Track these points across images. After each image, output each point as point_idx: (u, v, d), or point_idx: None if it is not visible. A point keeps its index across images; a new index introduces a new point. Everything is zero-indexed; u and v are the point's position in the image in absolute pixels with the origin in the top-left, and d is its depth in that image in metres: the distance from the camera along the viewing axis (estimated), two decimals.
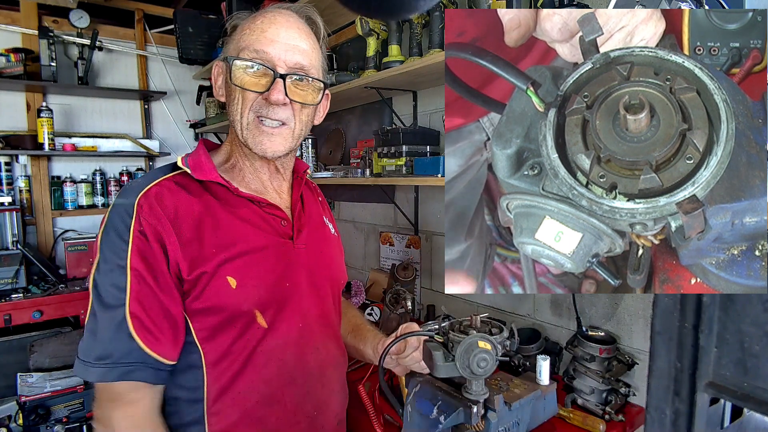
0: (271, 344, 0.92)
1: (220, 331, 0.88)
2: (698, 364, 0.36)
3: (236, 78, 0.89)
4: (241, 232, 0.91)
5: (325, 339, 1.03)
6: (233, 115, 0.92)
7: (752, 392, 0.34)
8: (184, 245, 0.85)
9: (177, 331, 0.86)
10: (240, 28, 0.93)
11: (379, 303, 2.11)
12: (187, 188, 0.90)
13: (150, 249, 0.83)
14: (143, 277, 0.82)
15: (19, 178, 2.84)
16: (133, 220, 0.84)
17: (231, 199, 0.93)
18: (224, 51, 0.96)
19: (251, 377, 0.91)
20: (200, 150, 0.97)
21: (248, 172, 0.98)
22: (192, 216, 0.88)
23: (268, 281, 0.92)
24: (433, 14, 1.72)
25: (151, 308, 0.83)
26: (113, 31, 3.15)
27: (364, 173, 2.16)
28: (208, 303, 0.87)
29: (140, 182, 0.89)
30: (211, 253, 0.87)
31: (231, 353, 0.89)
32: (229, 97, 0.93)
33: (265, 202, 0.96)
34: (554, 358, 1.54)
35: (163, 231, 0.84)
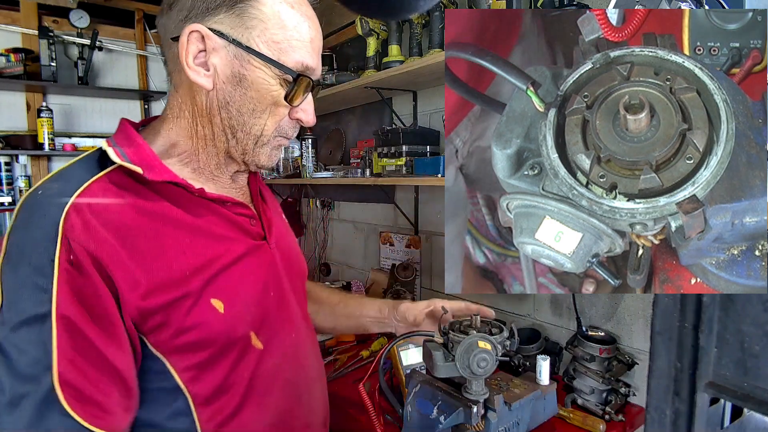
0: (269, 365, 0.78)
1: (210, 367, 0.71)
2: (698, 364, 0.36)
3: (267, 87, 0.71)
4: (213, 244, 0.72)
5: (313, 341, 0.93)
6: (245, 126, 0.73)
7: (752, 392, 0.34)
8: (148, 269, 0.65)
9: (129, 392, 0.65)
10: (265, 5, 0.69)
11: None
12: (133, 191, 0.68)
13: (87, 283, 0.61)
14: (76, 327, 0.60)
15: (19, 178, 2.83)
16: (59, 246, 0.60)
17: (191, 203, 0.72)
18: (227, 22, 0.69)
19: (255, 409, 0.76)
20: (135, 138, 0.74)
21: (206, 171, 0.77)
22: (148, 230, 0.66)
23: (254, 295, 0.76)
24: (433, 14, 1.72)
25: (90, 369, 0.60)
26: (113, 31, 3.15)
27: (364, 173, 2.16)
28: (193, 337, 0.68)
29: (58, 188, 0.65)
30: (184, 275, 0.67)
31: (226, 388, 0.73)
32: (241, 99, 0.72)
33: (230, 201, 0.77)
34: (554, 358, 1.53)
35: (109, 258, 0.62)
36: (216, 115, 0.73)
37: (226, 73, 0.70)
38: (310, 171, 2.46)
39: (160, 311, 0.66)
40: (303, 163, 2.48)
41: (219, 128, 0.73)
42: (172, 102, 0.77)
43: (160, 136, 0.76)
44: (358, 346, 1.80)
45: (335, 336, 1.86)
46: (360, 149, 2.49)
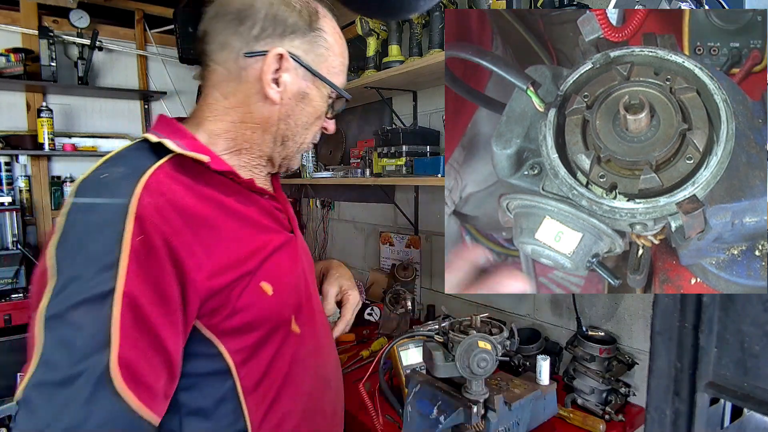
0: (304, 351, 0.82)
1: (259, 349, 0.75)
2: (698, 364, 0.36)
3: (320, 104, 0.82)
4: (259, 231, 0.78)
5: (328, 329, 0.97)
6: (296, 136, 0.81)
7: (752, 392, 0.34)
8: (211, 253, 0.67)
9: (173, 378, 0.66)
10: (328, 34, 0.80)
11: (379, 303, 2.11)
12: (191, 178, 0.71)
13: (156, 264, 0.61)
14: (140, 306, 0.59)
15: (19, 178, 2.83)
16: (130, 225, 0.60)
17: (241, 193, 0.77)
18: (302, 47, 0.77)
19: (294, 393, 0.80)
20: (185, 130, 0.77)
21: (242, 170, 0.82)
22: (206, 215, 0.69)
23: (293, 281, 0.82)
24: (433, 14, 1.72)
25: (148, 352, 0.60)
26: (113, 31, 3.15)
27: (364, 173, 2.16)
28: (245, 318, 0.71)
29: (122, 171, 0.66)
30: (238, 258, 0.71)
31: (270, 372, 0.76)
32: (299, 113, 0.80)
33: (268, 194, 0.82)
34: (554, 358, 1.54)
35: (177, 237, 0.64)
36: (273, 125, 0.79)
37: (293, 90, 0.78)
38: (310, 171, 2.46)
39: (221, 292, 0.68)
40: (303, 163, 2.49)
41: (270, 136, 0.80)
42: (215, 107, 0.80)
43: (202, 132, 0.79)
44: (358, 346, 1.80)
45: None
46: (360, 149, 2.49)
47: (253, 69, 0.76)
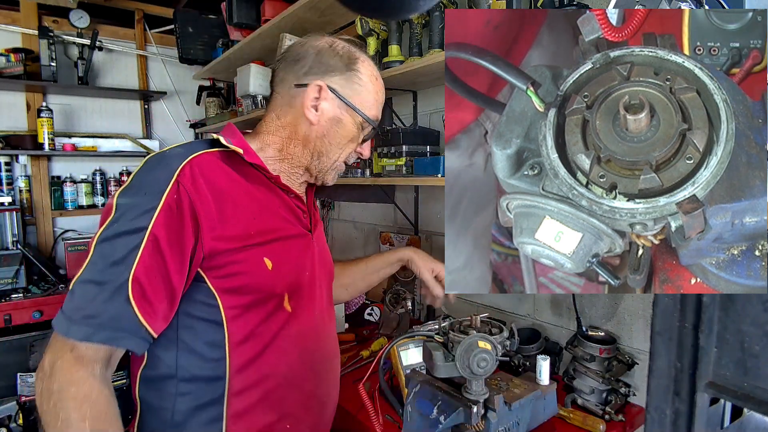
0: (293, 330, 0.96)
1: (249, 311, 0.90)
2: (698, 364, 0.36)
3: (352, 129, 0.99)
4: (276, 218, 0.96)
5: (332, 329, 1.10)
6: (330, 153, 1.00)
7: (752, 392, 0.34)
8: (225, 221, 0.86)
9: (172, 306, 0.85)
10: (364, 75, 0.99)
11: (379, 303, 2.11)
12: (230, 165, 0.92)
13: (178, 221, 0.82)
14: (159, 246, 0.80)
15: (19, 178, 2.83)
16: (170, 186, 0.82)
17: (267, 185, 0.96)
18: (339, 82, 0.98)
19: (275, 359, 0.93)
20: (238, 133, 0.99)
21: (285, 174, 1.01)
22: (233, 194, 0.89)
23: (295, 268, 0.97)
24: (433, 14, 1.72)
25: (157, 278, 0.80)
26: (113, 31, 3.15)
27: (364, 173, 2.16)
28: (243, 281, 0.88)
29: (181, 151, 0.88)
30: (248, 232, 0.89)
31: (256, 335, 0.91)
32: (334, 134, 0.99)
33: (294, 193, 1.00)
34: (554, 358, 1.53)
35: (201, 205, 0.83)
36: (311, 141, 0.99)
37: (329, 115, 0.98)
38: None
39: (224, 254, 0.86)
40: None
41: (309, 151, 1.00)
42: (270, 125, 1.02)
43: (256, 141, 1.01)
44: (358, 346, 1.80)
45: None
46: None
47: (300, 97, 0.97)
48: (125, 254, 0.78)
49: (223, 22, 2.72)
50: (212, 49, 3.00)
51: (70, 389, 0.74)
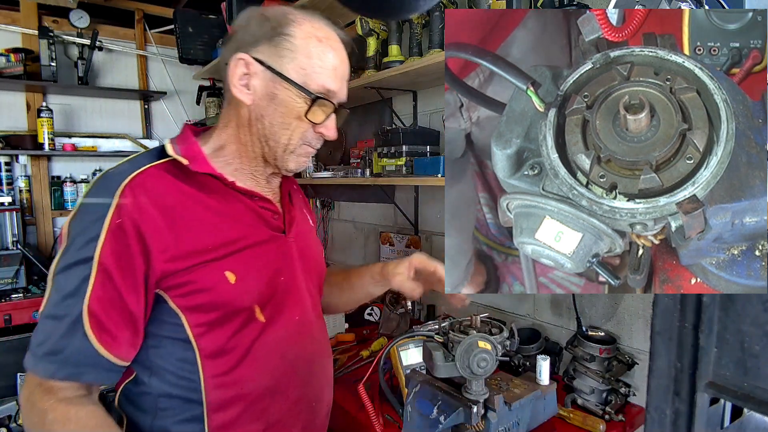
0: (270, 338, 0.91)
1: (217, 327, 0.86)
2: (698, 364, 0.36)
3: (294, 104, 0.87)
4: (237, 227, 0.89)
5: (319, 329, 1.04)
6: (275, 135, 0.89)
7: (752, 392, 0.34)
8: (178, 239, 0.81)
9: (136, 332, 0.82)
10: (297, 38, 0.86)
11: (379, 303, 2.11)
12: (179, 178, 0.85)
13: (125, 245, 0.78)
14: (110, 274, 0.77)
15: (19, 178, 2.83)
16: (111, 211, 0.78)
17: (225, 193, 0.89)
18: (266, 51, 0.86)
19: (252, 369, 0.89)
20: (190, 137, 0.92)
21: (246, 171, 0.94)
22: (185, 208, 0.83)
23: (265, 276, 0.91)
24: (433, 14, 1.72)
25: (112, 307, 0.78)
26: (113, 31, 3.15)
27: (364, 173, 2.16)
28: (205, 299, 0.84)
29: (124, 168, 0.83)
30: (206, 247, 0.83)
31: (228, 349, 0.87)
32: (272, 113, 0.88)
33: (258, 196, 0.93)
34: (554, 358, 1.53)
35: (147, 225, 0.79)
36: (253, 125, 0.90)
37: (262, 92, 0.87)
38: (310, 171, 2.46)
39: (181, 273, 0.82)
40: None
41: (255, 137, 0.90)
42: (224, 114, 0.94)
43: (212, 140, 0.94)
44: (358, 346, 1.80)
45: (335, 337, 1.86)
46: (360, 149, 2.49)
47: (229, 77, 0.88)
48: (77, 286, 0.76)
49: (223, 22, 2.72)
50: (212, 49, 3.00)
51: (47, 416, 0.75)
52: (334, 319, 1.90)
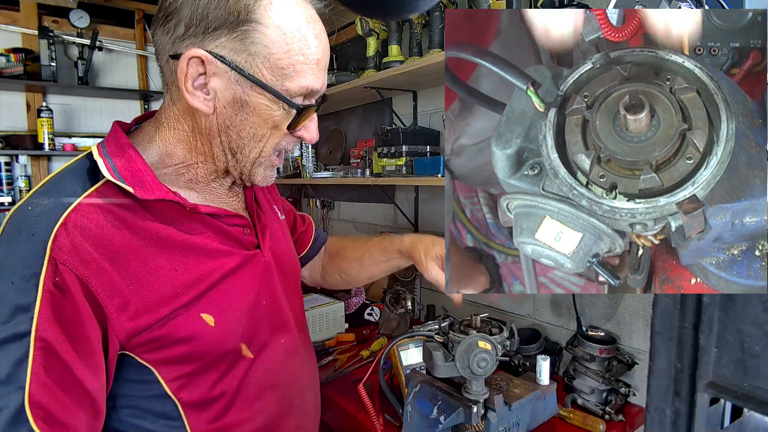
0: (259, 372, 0.79)
1: (198, 377, 0.72)
2: (698, 364, 0.36)
3: (270, 112, 0.69)
4: (206, 260, 0.72)
5: (305, 343, 0.93)
6: (244, 149, 0.71)
7: (752, 392, 0.34)
8: (136, 289, 0.65)
9: (96, 414, 0.65)
10: (270, 26, 0.65)
11: (379, 303, 2.11)
12: (124, 207, 0.66)
13: (70, 307, 0.60)
14: (54, 350, 0.59)
15: (19, 178, 2.83)
16: (45, 268, 0.59)
17: (184, 219, 0.71)
18: (228, 45, 0.65)
19: (245, 411, 0.77)
20: (128, 149, 0.70)
21: (202, 183, 0.76)
22: (138, 249, 0.66)
23: (246, 306, 0.77)
24: (433, 14, 1.72)
25: (61, 392, 0.60)
26: (113, 31, 3.15)
27: (364, 173, 2.16)
28: (183, 350, 0.69)
29: (48, 204, 0.63)
30: (174, 292, 0.68)
31: (214, 396, 0.74)
32: (241, 123, 0.70)
33: (224, 213, 0.76)
34: (554, 358, 1.53)
35: (97, 281, 0.62)
36: (216, 137, 0.71)
37: (227, 98, 0.68)
38: (310, 171, 2.46)
39: (150, 329, 0.66)
40: (303, 163, 2.49)
41: (219, 149, 0.72)
42: (169, 112, 0.73)
43: (154, 144, 0.74)
44: (358, 346, 1.80)
45: (335, 338, 1.86)
46: (360, 149, 2.49)
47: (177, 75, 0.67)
48: (10, 372, 0.58)
49: None
50: None
51: None
52: (334, 319, 1.91)
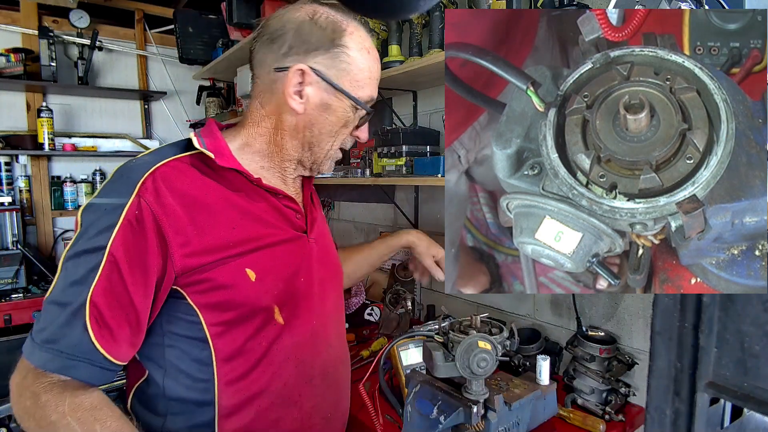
0: (287, 342, 0.88)
1: (235, 327, 0.83)
2: (698, 364, 0.36)
3: (344, 114, 0.89)
4: (259, 224, 0.87)
5: (337, 335, 1.02)
6: (321, 143, 0.90)
7: (752, 392, 0.34)
8: (200, 233, 0.79)
9: (137, 331, 0.78)
10: (352, 50, 0.86)
11: (379, 303, 2.11)
12: (204, 172, 0.84)
13: (140, 239, 0.75)
14: (118, 267, 0.74)
15: (19, 178, 2.83)
16: (130, 202, 0.75)
17: (249, 189, 0.88)
18: (324, 62, 0.86)
19: (267, 376, 0.86)
20: (216, 132, 0.90)
21: (273, 170, 0.93)
22: (208, 202, 0.82)
23: (285, 275, 0.89)
24: (433, 14, 1.72)
25: (116, 301, 0.75)
26: (113, 31, 3.15)
27: (364, 173, 2.16)
28: (224, 296, 0.81)
29: (147, 159, 0.81)
30: (228, 243, 0.82)
31: (245, 351, 0.84)
32: (323, 122, 0.88)
33: (282, 194, 0.91)
34: (554, 358, 1.53)
35: (168, 220, 0.77)
36: (300, 132, 0.89)
37: (316, 102, 0.87)
38: None
39: (201, 269, 0.80)
40: None
41: (298, 142, 0.91)
42: (255, 114, 0.92)
43: (239, 137, 0.93)
44: (358, 346, 1.80)
45: None
46: (360, 149, 2.49)
47: (281, 83, 0.86)
48: (84, 274, 0.74)
49: (223, 22, 2.72)
50: (212, 49, 3.00)
51: (40, 398, 0.72)
52: None
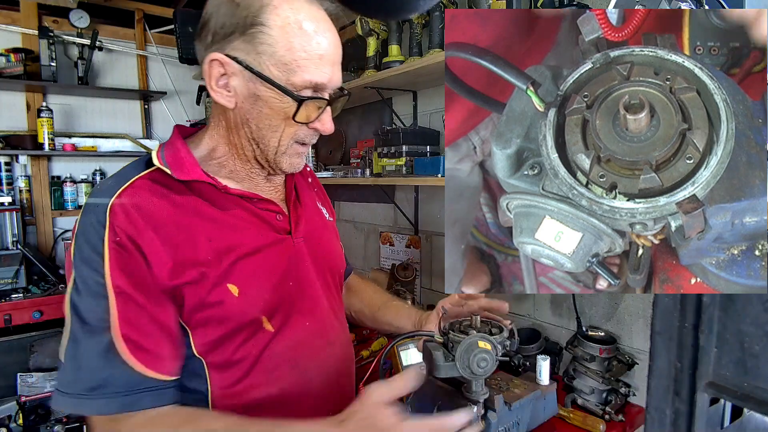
0: (279, 347, 0.86)
1: (223, 343, 0.82)
2: (698, 364, 0.36)
3: (280, 104, 0.78)
4: (236, 234, 0.82)
5: (338, 332, 0.99)
6: (264, 138, 0.82)
7: (752, 392, 0.34)
8: (174, 252, 0.76)
9: (176, 343, 0.78)
10: (274, 27, 0.74)
11: None
12: (169, 186, 0.80)
13: (131, 260, 0.74)
14: (128, 294, 0.73)
15: (19, 178, 2.83)
16: (107, 230, 0.73)
17: (219, 198, 0.83)
18: (241, 47, 0.76)
19: (261, 379, 0.84)
20: (177, 142, 0.85)
21: (242, 173, 0.88)
22: (176, 220, 0.78)
23: (271, 283, 0.85)
24: (433, 14, 1.72)
25: (143, 326, 0.74)
26: (113, 31, 3.15)
27: (364, 173, 2.16)
28: (207, 315, 0.79)
29: (111, 184, 0.79)
30: (205, 260, 0.78)
31: (235, 361, 0.82)
32: (257, 116, 0.80)
33: (257, 198, 0.87)
34: (554, 358, 1.53)
35: (141, 239, 0.74)
36: (241, 128, 0.83)
37: (244, 93, 0.79)
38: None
39: (182, 288, 0.77)
40: None
41: (245, 140, 0.83)
42: (213, 113, 0.87)
43: (203, 143, 0.88)
44: (358, 346, 1.80)
45: None
46: (360, 149, 2.49)
47: (207, 77, 0.79)
48: (101, 315, 0.72)
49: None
50: None
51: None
52: None
